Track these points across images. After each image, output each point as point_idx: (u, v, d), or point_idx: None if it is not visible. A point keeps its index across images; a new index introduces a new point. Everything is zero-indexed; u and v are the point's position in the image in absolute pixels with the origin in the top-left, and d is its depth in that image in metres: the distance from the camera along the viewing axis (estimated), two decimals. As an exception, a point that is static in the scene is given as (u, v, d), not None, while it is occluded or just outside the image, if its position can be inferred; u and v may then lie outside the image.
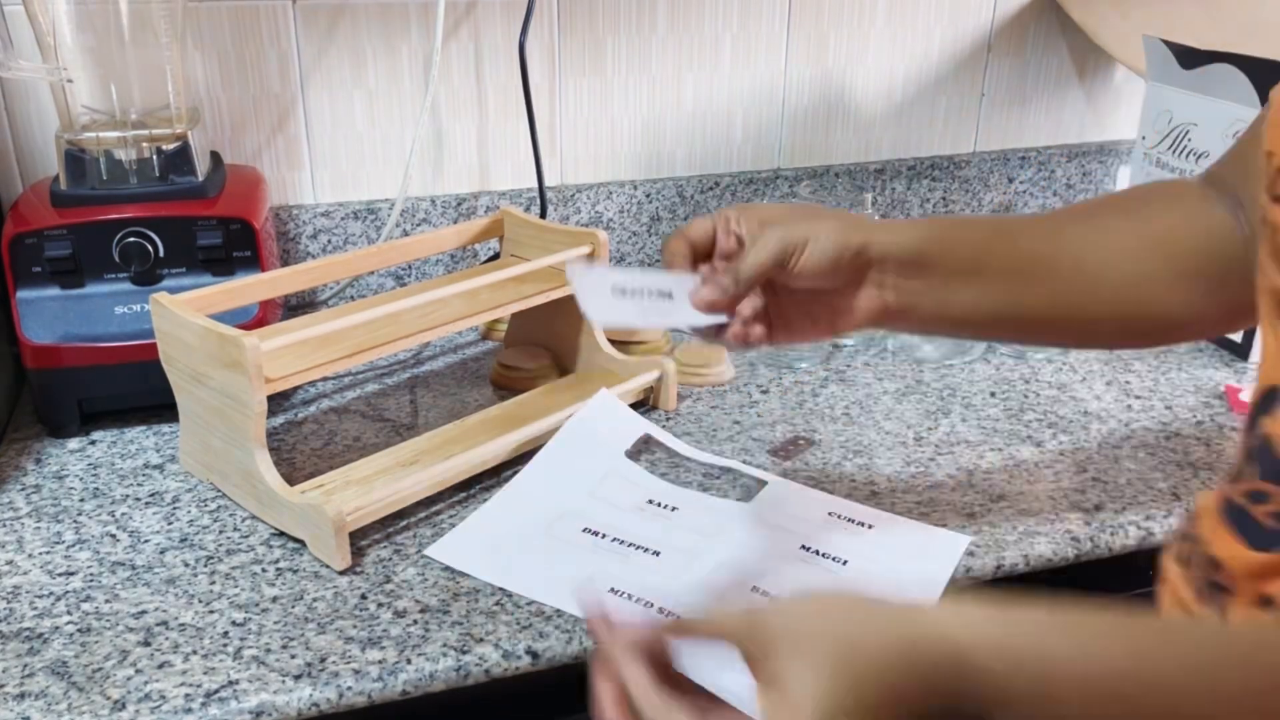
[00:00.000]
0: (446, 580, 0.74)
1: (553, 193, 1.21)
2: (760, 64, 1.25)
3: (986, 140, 1.38)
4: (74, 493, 0.84)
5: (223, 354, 0.75)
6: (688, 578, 0.72)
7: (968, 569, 0.76)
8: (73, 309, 0.89)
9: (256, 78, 1.10)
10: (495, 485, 0.85)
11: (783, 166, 1.31)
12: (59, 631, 0.69)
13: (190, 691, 0.63)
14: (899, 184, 1.35)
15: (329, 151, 1.14)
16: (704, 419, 0.95)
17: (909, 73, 1.32)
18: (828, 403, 0.98)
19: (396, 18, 1.11)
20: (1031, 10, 1.33)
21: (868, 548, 0.76)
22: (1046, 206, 1.42)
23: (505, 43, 1.15)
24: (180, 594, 0.72)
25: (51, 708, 0.62)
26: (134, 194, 0.91)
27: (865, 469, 0.88)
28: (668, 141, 1.25)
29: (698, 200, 1.27)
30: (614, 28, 1.19)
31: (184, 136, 0.93)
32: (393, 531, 0.79)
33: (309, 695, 0.64)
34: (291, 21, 1.09)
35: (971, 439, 0.92)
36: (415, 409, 0.97)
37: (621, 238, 1.25)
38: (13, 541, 0.78)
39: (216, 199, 0.94)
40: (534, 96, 1.15)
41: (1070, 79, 1.39)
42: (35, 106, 1.04)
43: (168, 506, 0.82)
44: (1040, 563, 0.78)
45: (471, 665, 0.66)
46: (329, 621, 0.69)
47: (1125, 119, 1.43)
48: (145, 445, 0.90)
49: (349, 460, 0.85)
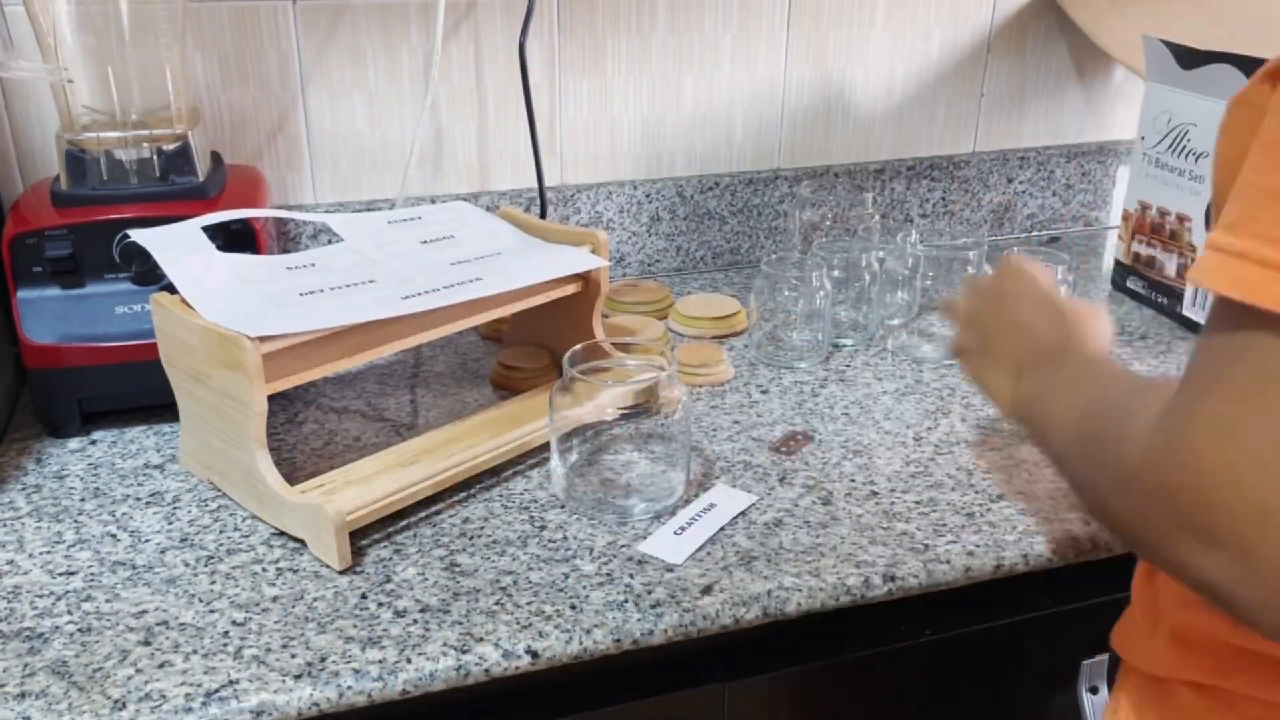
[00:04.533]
0: (446, 580, 0.74)
1: (553, 193, 1.21)
2: (760, 64, 1.25)
3: (986, 140, 1.38)
4: (74, 492, 0.84)
5: (223, 354, 0.75)
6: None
7: (967, 569, 0.76)
8: (73, 309, 0.89)
9: (256, 78, 1.10)
10: (495, 484, 0.85)
11: (783, 166, 1.31)
12: (59, 631, 0.69)
13: (190, 691, 0.63)
14: (899, 184, 1.35)
15: (329, 151, 1.14)
16: (704, 419, 0.95)
17: (909, 73, 1.32)
18: (828, 403, 0.98)
19: (396, 18, 1.11)
20: (1031, 10, 1.33)
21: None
22: (1046, 206, 1.43)
23: (505, 43, 1.15)
24: (180, 594, 0.72)
25: (52, 707, 0.62)
26: (134, 194, 0.91)
27: (865, 469, 0.88)
28: (668, 141, 1.25)
29: (697, 200, 1.27)
30: (614, 28, 1.19)
31: (184, 136, 0.93)
32: (393, 531, 0.79)
33: (309, 695, 0.64)
34: (291, 21, 1.09)
35: (971, 439, 0.92)
36: (415, 409, 0.97)
37: (621, 238, 1.25)
38: (13, 541, 0.78)
39: (217, 199, 0.94)
40: (534, 96, 1.15)
41: (1069, 79, 1.39)
42: (35, 106, 1.05)
43: (168, 506, 0.82)
44: (1040, 563, 0.78)
45: (471, 665, 0.67)
46: (329, 621, 0.70)
47: (1124, 119, 1.43)
48: (145, 445, 0.90)
49: (349, 460, 0.85)
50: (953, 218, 1.39)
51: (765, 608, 0.72)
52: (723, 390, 1.01)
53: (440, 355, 1.08)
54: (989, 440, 0.92)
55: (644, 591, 0.72)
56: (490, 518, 0.81)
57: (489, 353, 1.08)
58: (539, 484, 0.85)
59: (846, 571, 0.75)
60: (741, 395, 1.00)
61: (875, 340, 1.11)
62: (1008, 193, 1.40)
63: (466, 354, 1.08)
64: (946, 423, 0.95)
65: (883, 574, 0.75)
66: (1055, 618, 0.84)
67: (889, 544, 0.78)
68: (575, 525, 0.80)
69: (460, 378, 1.03)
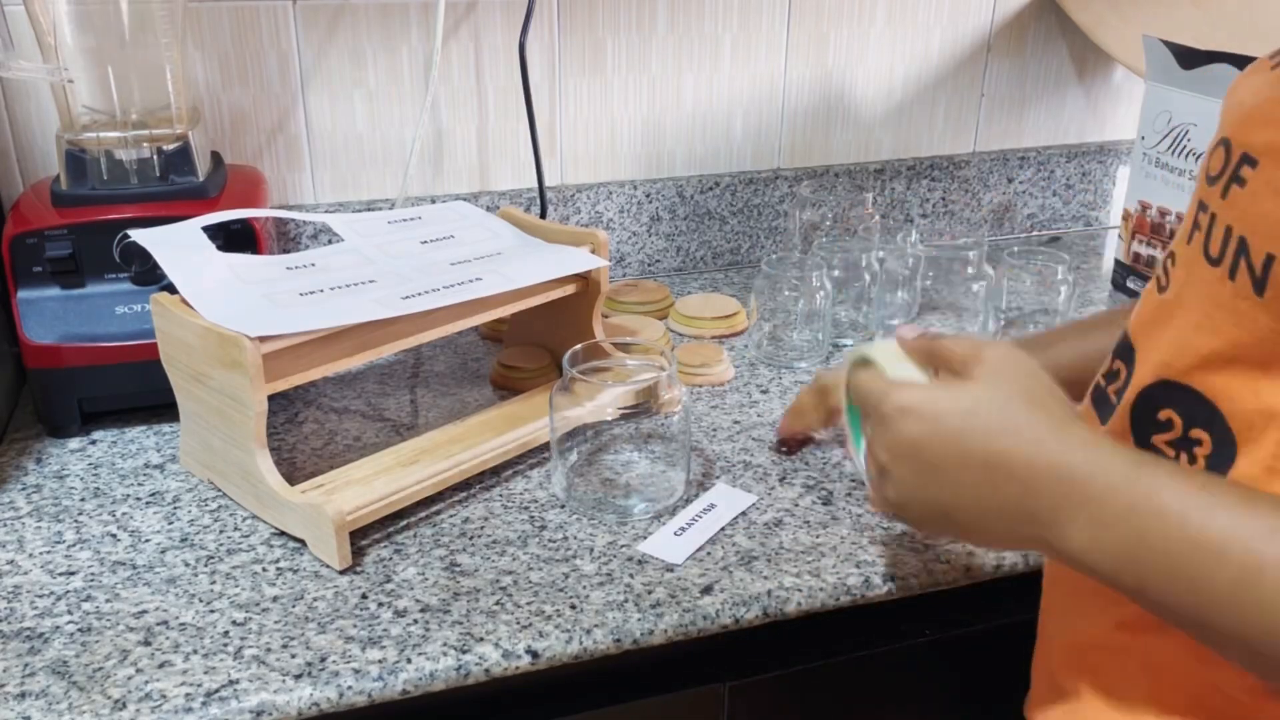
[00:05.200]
0: (447, 580, 0.74)
1: (553, 193, 1.21)
2: (760, 64, 1.25)
3: (986, 140, 1.38)
4: (74, 492, 0.84)
5: (223, 354, 0.75)
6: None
7: (967, 569, 0.76)
8: (73, 309, 0.89)
9: (256, 78, 1.10)
10: (495, 484, 0.85)
11: (783, 166, 1.31)
12: (59, 631, 0.69)
13: (191, 691, 0.63)
14: (899, 184, 1.35)
15: (329, 151, 1.14)
16: (704, 419, 0.95)
17: (909, 73, 1.32)
18: (827, 403, 0.98)
19: (396, 18, 1.11)
20: (1031, 10, 1.33)
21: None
22: (1046, 206, 1.43)
23: (505, 43, 1.15)
24: (181, 594, 0.72)
25: (52, 707, 0.62)
26: (134, 194, 0.91)
27: (865, 469, 0.88)
28: (668, 141, 1.25)
29: (697, 200, 1.27)
30: (614, 28, 1.19)
31: (184, 136, 0.93)
32: (393, 531, 0.79)
33: (309, 695, 0.64)
34: (291, 21, 1.09)
35: (971, 439, 0.92)
36: (415, 409, 0.97)
37: (621, 238, 1.25)
38: (13, 541, 0.78)
39: (217, 199, 0.94)
40: (534, 96, 1.15)
41: (1070, 79, 1.39)
42: (36, 106, 1.05)
43: (168, 506, 0.82)
44: (1040, 562, 0.78)
45: (471, 665, 0.67)
46: (329, 621, 0.70)
47: (1124, 119, 1.43)
48: (146, 445, 0.90)
49: (349, 460, 0.85)
50: (953, 218, 1.39)
51: (765, 608, 0.72)
52: (723, 390, 1.01)
53: (440, 355, 1.08)
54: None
55: (644, 591, 0.72)
56: (490, 518, 0.81)
57: (489, 353, 1.08)
58: (539, 484, 0.85)
59: (846, 571, 0.75)
60: (741, 395, 1.00)
61: (874, 340, 1.11)
62: (1008, 193, 1.40)
63: (466, 354, 1.08)
64: (946, 423, 0.95)
65: (883, 574, 0.75)
66: (1055, 618, 0.84)
67: (889, 544, 0.78)
68: (575, 525, 0.80)
69: (460, 378, 1.03)
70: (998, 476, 0.52)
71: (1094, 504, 0.49)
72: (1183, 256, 0.56)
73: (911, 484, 0.56)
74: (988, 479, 0.52)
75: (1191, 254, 0.55)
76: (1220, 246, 0.52)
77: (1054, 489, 0.50)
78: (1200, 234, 0.54)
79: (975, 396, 0.54)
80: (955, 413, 0.54)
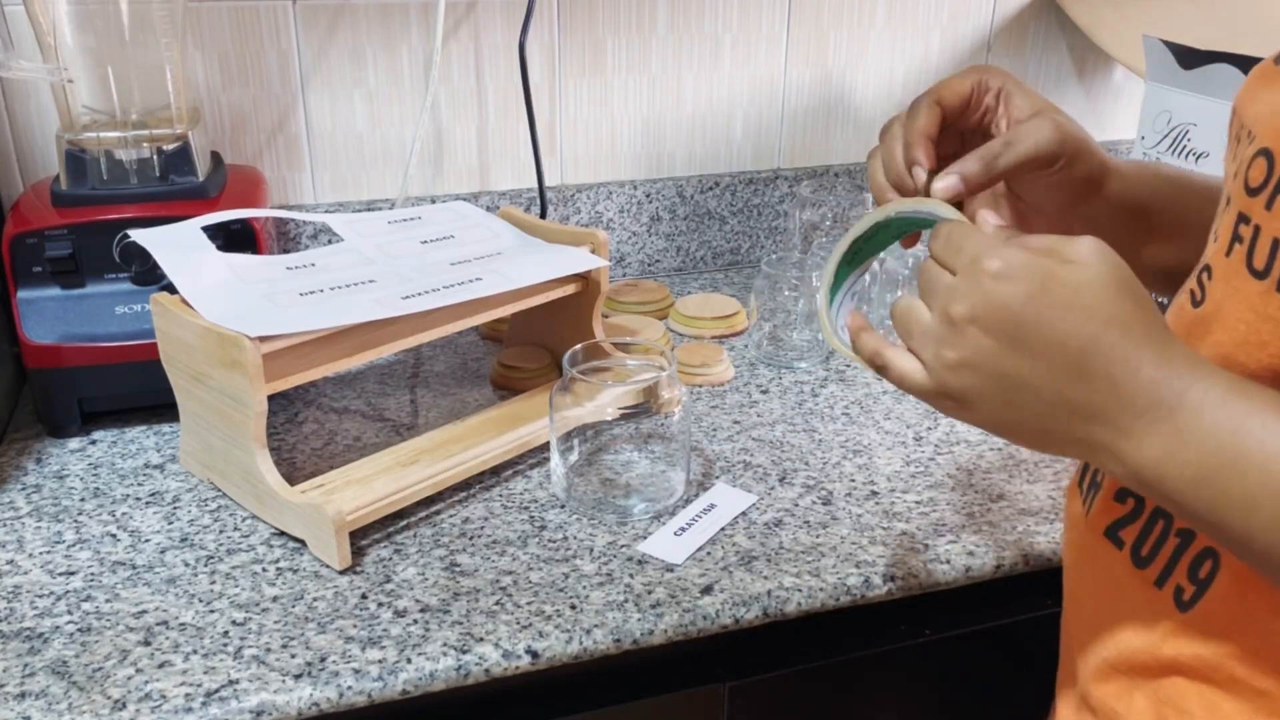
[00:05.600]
0: (447, 580, 0.74)
1: (553, 193, 1.21)
2: (760, 64, 1.25)
3: (986, 140, 1.38)
4: (74, 492, 0.84)
5: (223, 354, 0.75)
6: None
7: (967, 569, 0.76)
8: (73, 309, 0.89)
9: (256, 78, 1.10)
10: (495, 484, 0.85)
11: (782, 166, 1.31)
12: (59, 631, 0.69)
13: (190, 691, 0.63)
14: (899, 184, 1.35)
15: (329, 151, 1.14)
16: (704, 419, 0.95)
17: (909, 73, 1.32)
18: (827, 402, 0.98)
19: (396, 18, 1.11)
20: (1031, 10, 1.33)
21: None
22: (1046, 206, 1.42)
23: (505, 43, 1.15)
24: (180, 594, 0.72)
25: (52, 707, 0.62)
26: (134, 194, 0.91)
27: (865, 469, 0.88)
28: (668, 141, 1.25)
29: (697, 200, 1.27)
30: (614, 28, 1.19)
31: (184, 136, 0.93)
32: (393, 531, 0.79)
33: (309, 695, 0.64)
34: (291, 21, 1.09)
35: (971, 439, 0.92)
36: (415, 409, 0.97)
37: (621, 238, 1.25)
38: (13, 541, 0.78)
39: (217, 199, 0.94)
40: (534, 96, 1.15)
41: (1070, 79, 1.39)
42: (36, 106, 1.05)
43: (168, 506, 0.82)
44: (1040, 563, 0.78)
45: (471, 665, 0.67)
46: (329, 621, 0.70)
47: (1125, 119, 1.43)
48: (145, 445, 0.90)
49: (349, 460, 0.85)
50: (953, 218, 1.39)
51: (765, 608, 0.72)
52: (723, 390, 1.01)
53: (440, 355, 1.08)
54: (989, 440, 0.92)
55: (644, 591, 0.72)
56: (490, 518, 0.81)
57: (489, 353, 1.08)
58: (539, 484, 0.85)
59: (846, 571, 0.75)
60: (741, 395, 1.00)
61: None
62: (1008, 193, 1.40)
63: (466, 354, 1.08)
64: (946, 422, 0.95)
65: (883, 574, 0.75)
66: (1055, 618, 0.84)
67: (889, 544, 0.78)
68: (575, 525, 0.80)
69: (460, 378, 1.03)
70: (1092, 365, 0.48)
71: (1182, 414, 0.47)
72: (1221, 269, 0.53)
73: (987, 352, 0.50)
74: (1077, 366, 0.48)
75: (1232, 266, 0.53)
76: (1266, 258, 0.50)
77: (1145, 393, 0.47)
78: (1242, 246, 0.52)
79: (1089, 278, 0.49)
80: (1067, 287, 0.49)
